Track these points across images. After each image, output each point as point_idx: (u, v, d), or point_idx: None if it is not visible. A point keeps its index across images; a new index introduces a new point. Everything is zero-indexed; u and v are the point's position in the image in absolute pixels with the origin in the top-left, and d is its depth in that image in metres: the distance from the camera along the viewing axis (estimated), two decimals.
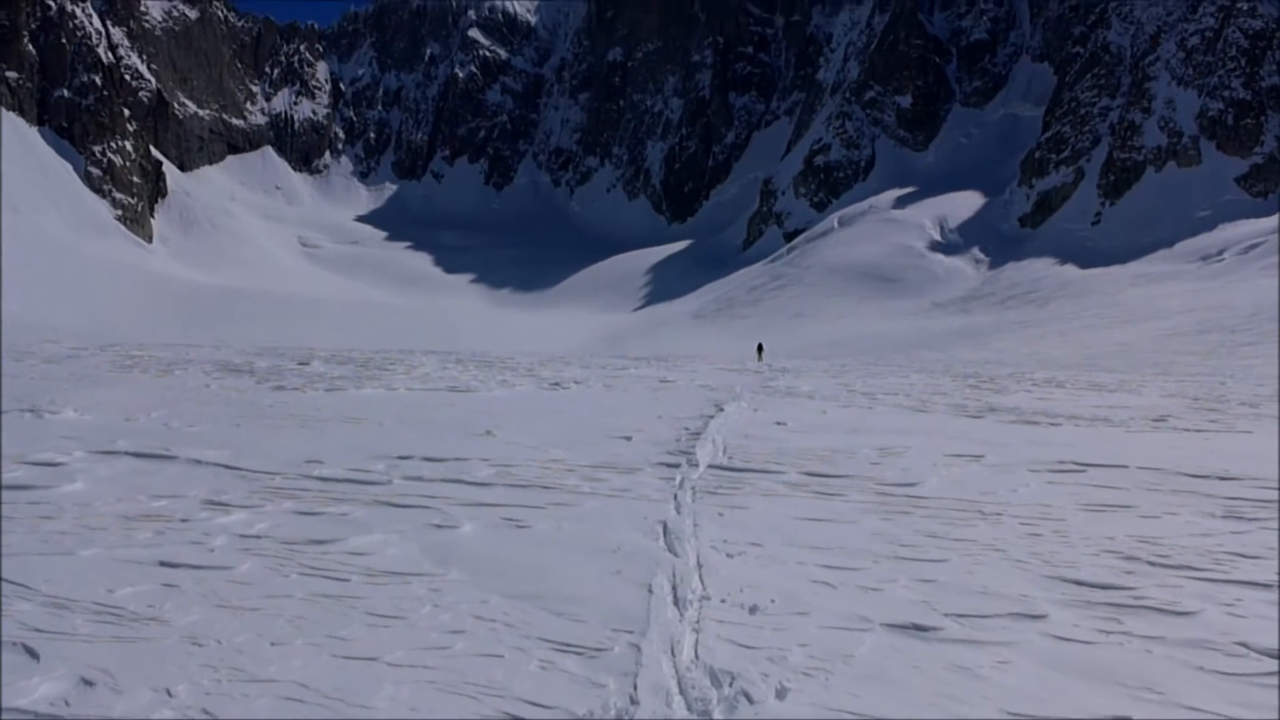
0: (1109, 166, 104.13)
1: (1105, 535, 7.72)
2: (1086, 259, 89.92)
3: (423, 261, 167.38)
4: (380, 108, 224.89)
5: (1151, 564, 6.93)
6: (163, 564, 6.51)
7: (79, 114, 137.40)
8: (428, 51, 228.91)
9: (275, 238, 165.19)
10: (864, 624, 5.63)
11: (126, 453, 10.36)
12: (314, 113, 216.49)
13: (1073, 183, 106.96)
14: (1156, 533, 7.82)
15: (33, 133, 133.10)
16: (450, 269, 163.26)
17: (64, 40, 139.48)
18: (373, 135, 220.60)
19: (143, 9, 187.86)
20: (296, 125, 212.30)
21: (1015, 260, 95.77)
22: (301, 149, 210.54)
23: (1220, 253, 79.99)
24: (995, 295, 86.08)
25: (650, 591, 6.14)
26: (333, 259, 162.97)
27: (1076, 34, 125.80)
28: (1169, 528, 8.00)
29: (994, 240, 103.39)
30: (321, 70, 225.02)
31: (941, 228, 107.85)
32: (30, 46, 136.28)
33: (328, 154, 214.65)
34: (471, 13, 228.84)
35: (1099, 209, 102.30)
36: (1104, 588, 6.36)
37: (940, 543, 7.44)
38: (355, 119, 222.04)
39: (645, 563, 6.77)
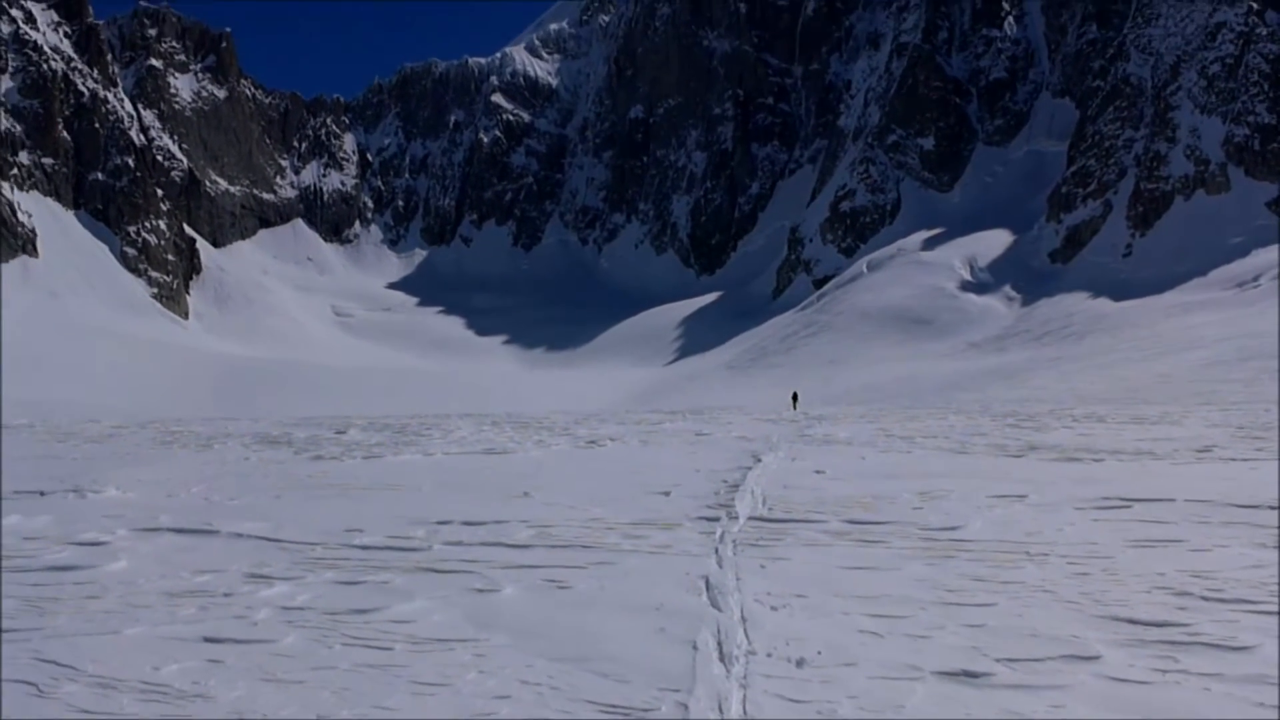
0: (1137, 198, 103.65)
1: (1156, 571, 7.59)
2: (1120, 291, 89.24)
3: (455, 325, 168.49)
4: (407, 175, 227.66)
5: (1205, 599, 6.79)
6: (207, 639, 6.51)
7: (114, 196, 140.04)
8: (452, 118, 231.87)
9: (308, 308, 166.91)
10: (914, 673, 5.54)
11: (168, 529, 10.42)
12: (343, 183, 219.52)
13: (1101, 216, 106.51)
14: (1208, 566, 7.68)
15: (69, 216, 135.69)
16: (482, 331, 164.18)
17: (97, 125, 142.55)
18: (401, 203, 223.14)
19: (172, 91, 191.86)
20: (326, 197, 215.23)
21: (1048, 296, 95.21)
22: (331, 220, 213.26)
23: (1255, 278, 79.19)
24: (1030, 332, 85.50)
25: (695, 648, 6.08)
26: (366, 327, 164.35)
27: (1096, 68, 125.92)
28: (1221, 561, 7.85)
29: (1025, 277, 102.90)
30: (349, 142, 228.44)
31: (971, 267, 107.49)
32: (65, 133, 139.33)
33: (357, 223, 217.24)
34: (493, 78, 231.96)
35: (1129, 241, 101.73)
36: (1157, 625, 6.24)
37: (987, 586, 7.33)
38: (383, 188, 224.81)
39: (689, 619, 6.71)
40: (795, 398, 48.95)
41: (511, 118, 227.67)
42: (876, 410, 35.64)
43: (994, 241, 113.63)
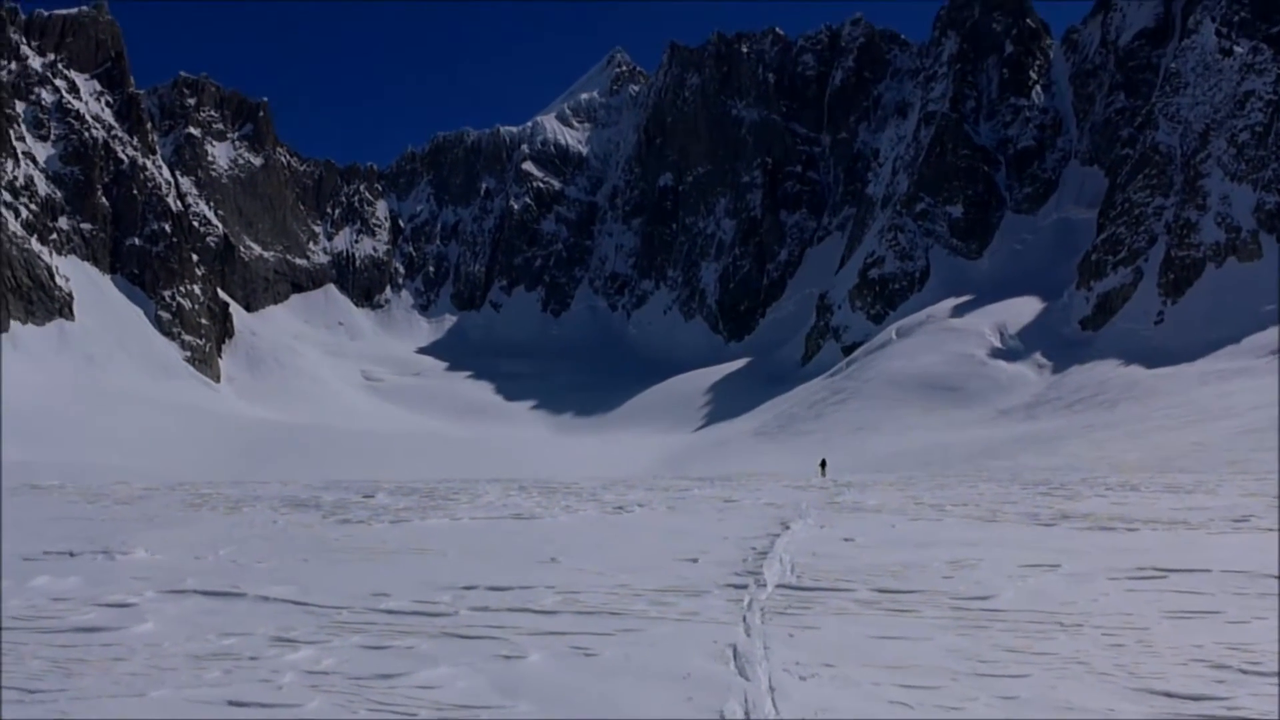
0: (1168, 265, 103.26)
1: (1192, 643, 7.46)
2: (1152, 359, 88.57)
3: (484, 390, 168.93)
4: (438, 242, 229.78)
5: (1244, 672, 6.67)
6: (231, 703, 6.49)
7: (150, 261, 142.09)
8: (483, 186, 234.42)
9: (339, 372, 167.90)
10: None
11: (195, 591, 10.44)
12: (374, 249, 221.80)
13: (1132, 283, 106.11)
14: (1246, 639, 7.54)
15: (106, 280, 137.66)
16: (511, 396, 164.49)
17: (136, 191, 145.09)
18: (432, 269, 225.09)
19: (210, 158, 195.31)
20: (358, 262, 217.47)
21: (1079, 364, 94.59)
22: (363, 285, 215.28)
23: None
24: (1061, 400, 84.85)
25: (723, 718, 6.01)
26: (395, 391, 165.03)
27: (1125, 136, 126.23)
28: (1259, 633, 7.71)
29: (1056, 344, 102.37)
30: (381, 208, 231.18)
31: (1001, 334, 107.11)
32: (104, 199, 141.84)
33: (388, 289, 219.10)
34: (525, 146, 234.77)
35: (1161, 308, 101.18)
36: (1195, 699, 6.12)
37: (1020, 657, 7.22)
38: (414, 254, 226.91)
39: (716, 688, 6.64)
40: (824, 465, 48.69)
41: (542, 185, 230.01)
42: (906, 478, 35.40)
43: (1024, 308, 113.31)
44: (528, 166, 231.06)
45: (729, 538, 14.62)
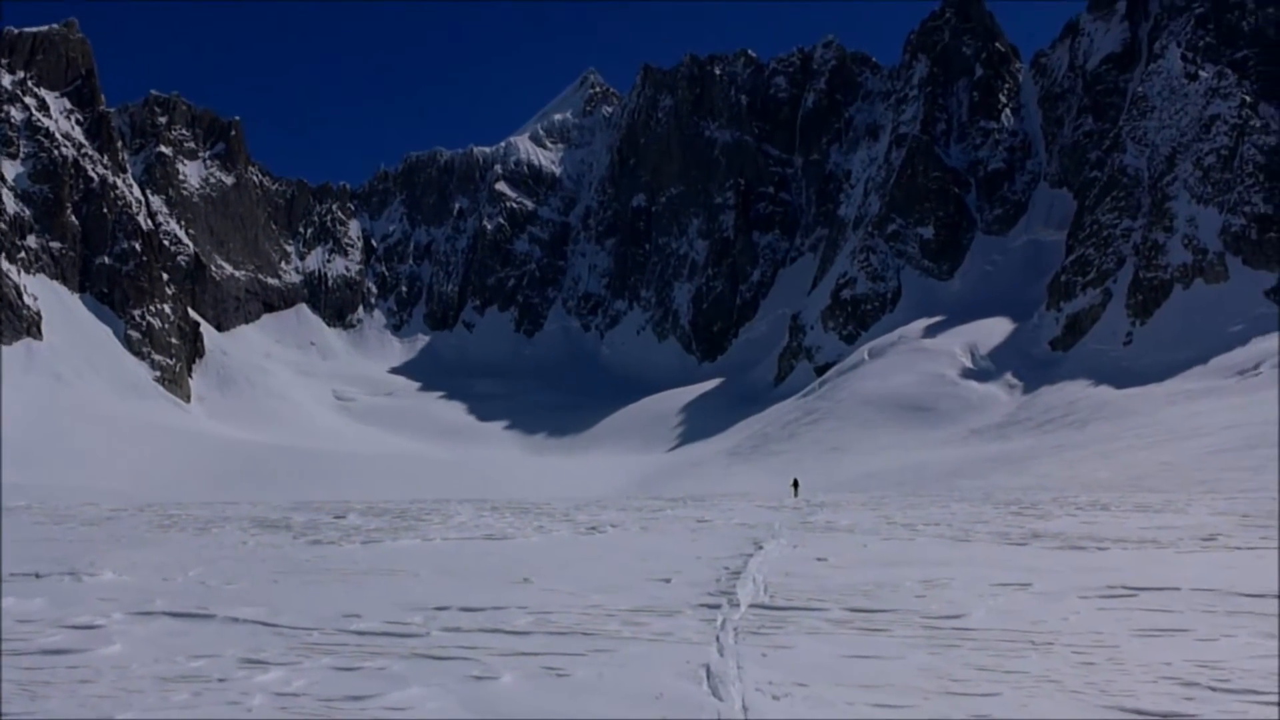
0: (1136, 286, 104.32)
1: (1162, 661, 7.51)
2: (1121, 379, 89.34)
3: (456, 411, 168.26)
4: (411, 262, 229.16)
5: (1213, 689, 6.71)
6: None
7: (119, 280, 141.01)
8: (456, 206, 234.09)
9: (310, 392, 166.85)
10: None
11: (164, 613, 10.33)
12: (347, 269, 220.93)
13: (1101, 304, 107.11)
14: (1215, 656, 7.59)
15: (74, 299, 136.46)
16: (484, 417, 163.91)
17: (105, 210, 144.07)
18: (404, 288, 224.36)
19: (181, 177, 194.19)
20: (330, 282, 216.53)
21: (1049, 384, 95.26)
22: (335, 305, 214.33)
23: (1256, 366, 79.31)
24: (1032, 420, 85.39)
25: None
26: (367, 411, 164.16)
27: (1093, 159, 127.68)
28: (1228, 650, 7.77)
29: (1026, 365, 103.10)
30: (354, 228, 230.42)
31: (973, 355, 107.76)
32: (73, 217, 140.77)
33: (361, 308, 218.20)
34: (498, 167, 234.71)
35: (1130, 329, 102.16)
36: (1164, 716, 6.15)
37: (991, 675, 7.25)
38: (387, 273, 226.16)
39: (689, 708, 6.62)
40: (796, 485, 48.77)
41: (515, 205, 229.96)
42: (878, 498, 35.49)
43: (994, 329, 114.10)
44: (501, 186, 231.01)
45: (702, 558, 14.61)
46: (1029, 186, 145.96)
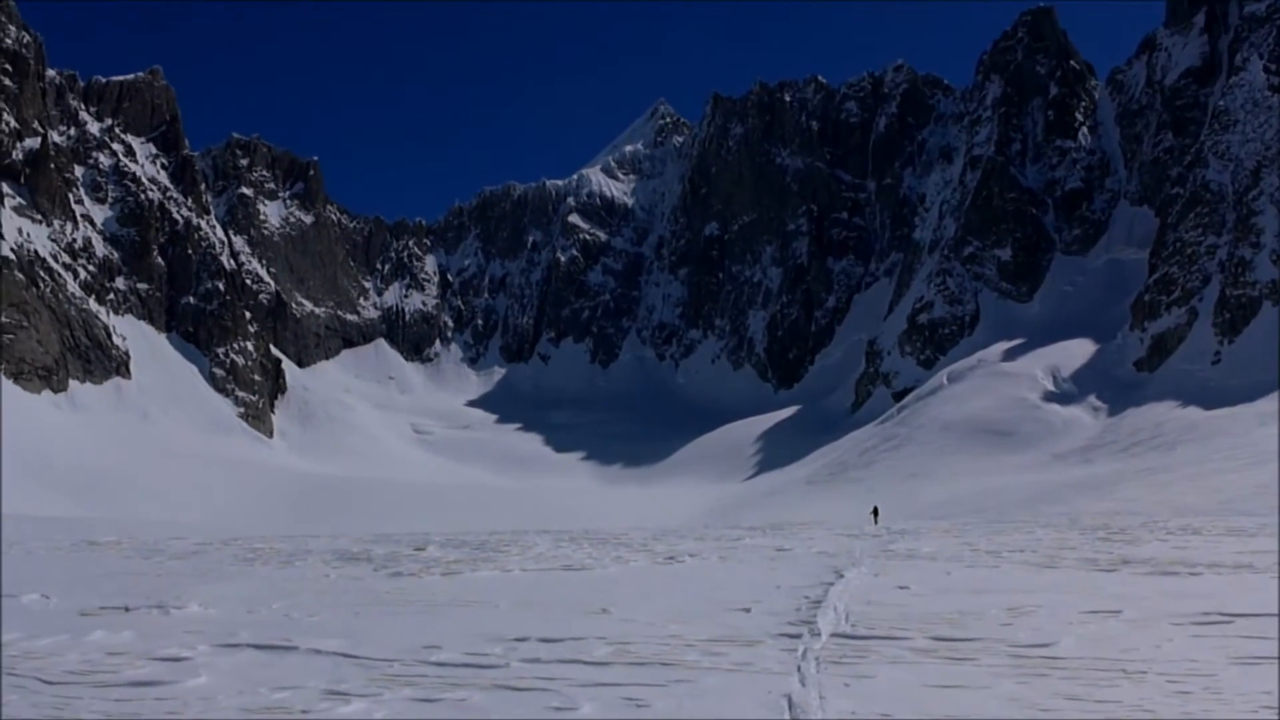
0: (1223, 304, 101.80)
1: (1262, 690, 7.25)
2: (1210, 400, 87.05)
3: (533, 442, 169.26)
4: (486, 295, 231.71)
5: None
6: None
7: (204, 319, 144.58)
8: (530, 239, 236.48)
9: (389, 426, 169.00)
10: None
11: (248, 645, 10.46)
12: (424, 304, 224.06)
13: (1187, 323, 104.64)
14: None
15: (161, 339, 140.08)
16: (560, 448, 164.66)
17: (190, 251, 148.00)
18: (480, 322, 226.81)
19: (262, 217, 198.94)
20: (407, 317, 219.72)
21: (1135, 406, 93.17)
22: (412, 339, 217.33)
23: None
24: (1117, 443, 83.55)
25: None
26: (445, 444, 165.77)
27: (1174, 175, 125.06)
28: None
29: (1110, 387, 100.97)
30: (430, 263, 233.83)
31: (1054, 377, 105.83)
32: (159, 259, 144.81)
33: (438, 342, 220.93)
34: (570, 199, 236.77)
35: (1217, 348, 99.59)
36: None
37: (1082, 705, 7.05)
38: (463, 307, 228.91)
39: None
40: (876, 512, 48.24)
41: (588, 237, 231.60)
42: (960, 524, 34.93)
43: (1076, 351, 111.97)
44: (574, 219, 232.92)
45: (781, 587, 14.47)
46: (1108, 205, 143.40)
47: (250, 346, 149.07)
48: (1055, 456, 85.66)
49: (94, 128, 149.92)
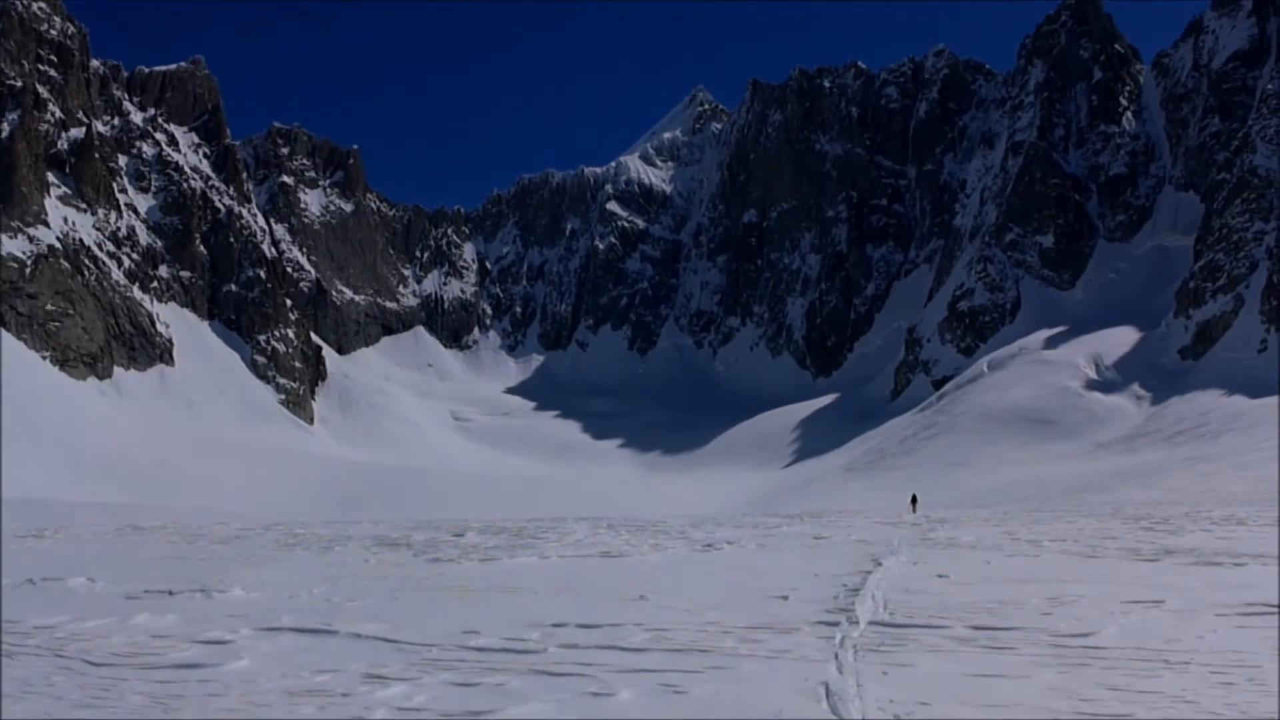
0: (1270, 291, 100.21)
1: None
2: (1256, 388, 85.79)
3: (571, 429, 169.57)
4: (525, 283, 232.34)
5: None
6: None
7: (246, 306, 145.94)
8: (568, 226, 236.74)
9: (428, 413, 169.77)
10: None
11: (290, 629, 10.57)
12: (462, 291, 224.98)
13: (1233, 310, 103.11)
14: None
15: (204, 326, 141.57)
16: (598, 435, 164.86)
17: (232, 239, 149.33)
18: (519, 309, 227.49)
19: (302, 205, 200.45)
20: (446, 304, 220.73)
21: (1179, 394, 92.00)
22: (451, 326, 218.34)
23: None
24: (1161, 432, 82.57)
25: None
26: (484, 431, 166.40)
27: (1220, 160, 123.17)
28: None
29: (1154, 375, 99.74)
30: (468, 251, 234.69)
31: (1097, 365, 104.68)
32: (202, 247, 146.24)
33: (476, 330, 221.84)
34: (609, 187, 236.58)
35: (1264, 336, 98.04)
36: None
37: (1124, 696, 6.98)
38: (501, 295, 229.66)
39: None
40: (915, 500, 48.00)
41: (626, 224, 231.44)
42: (1001, 513, 34.67)
43: (1119, 339, 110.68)
44: (612, 206, 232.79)
45: (820, 574, 14.43)
46: (1153, 191, 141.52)
47: (291, 334, 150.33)
48: (1098, 445, 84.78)
49: (137, 118, 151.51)
